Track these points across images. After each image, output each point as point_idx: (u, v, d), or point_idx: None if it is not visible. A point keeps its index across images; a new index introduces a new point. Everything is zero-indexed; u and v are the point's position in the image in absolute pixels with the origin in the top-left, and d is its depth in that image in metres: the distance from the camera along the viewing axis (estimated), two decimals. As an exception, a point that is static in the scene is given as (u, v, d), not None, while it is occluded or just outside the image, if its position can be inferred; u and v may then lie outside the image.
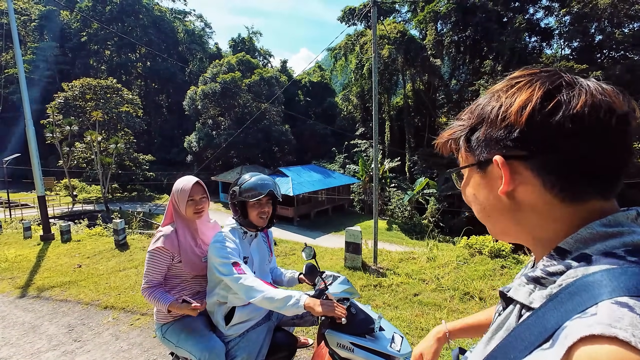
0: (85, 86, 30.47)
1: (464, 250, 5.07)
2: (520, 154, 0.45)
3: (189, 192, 1.82)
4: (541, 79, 0.45)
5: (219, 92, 34.07)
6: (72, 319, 4.04)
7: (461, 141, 0.54)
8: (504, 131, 0.46)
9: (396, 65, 31.46)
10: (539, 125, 0.42)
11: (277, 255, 6.03)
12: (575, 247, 0.43)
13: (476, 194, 0.54)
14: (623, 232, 0.41)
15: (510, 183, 0.46)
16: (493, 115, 0.47)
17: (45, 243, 8.37)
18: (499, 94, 0.48)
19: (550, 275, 0.43)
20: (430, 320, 3.29)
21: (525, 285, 0.47)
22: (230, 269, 1.57)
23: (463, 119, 0.54)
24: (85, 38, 45.71)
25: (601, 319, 0.32)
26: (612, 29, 25.61)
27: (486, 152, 0.49)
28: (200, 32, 59.99)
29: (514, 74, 0.50)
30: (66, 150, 28.64)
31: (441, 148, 0.60)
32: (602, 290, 0.35)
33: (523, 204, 0.47)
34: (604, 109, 0.41)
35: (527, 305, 0.45)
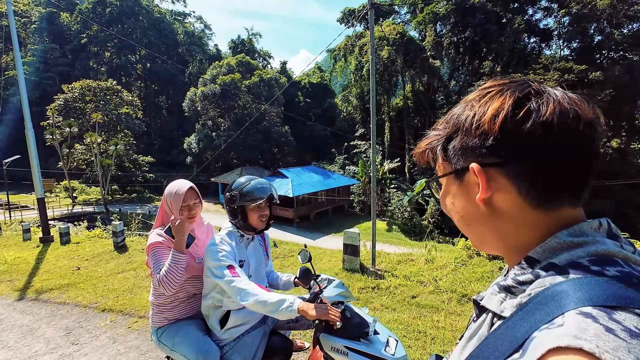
0: (85, 88, 30.53)
1: (462, 251, 5.07)
2: (496, 161, 0.46)
3: (182, 197, 1.80)
4: (511, 88, 0.47)
5: (218, 93, 34.10)
6: (70, 321, 4.04)
7: (438, 150, 0.55)
8: (479, 139, 0.47)
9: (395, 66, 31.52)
10: (511, 132, 0.44)
11: (276, 257, 6.03)
12: (544, 257, 0.44)
13: (454, 202, 0.55)
14: (587, 241, 0.43)
15: (487, 190, 0.47)
16: (468, 123, 0.48)
17: (44, 245, 8.36)
18: (472, 104, 0.49)
19: (520, 284, 0.44)
20: (428, 323, 3.29)
21: (497, 294, 0.47)
22: (225, 272, 1.57)
23: (439, 128, 0.55)
24: (85, 40, 45.77)
25: (567, 330, 0.33)
26: (611, 30, 25.63)
27: (462, 160, 0.50)
28: (200, 33, 60.07)
29: (485, 84, 0.51)
30: (66, 152, 28.65)
31: (419, 158, 0.61)
32: (568, 300, 0.36)
33: (499, 211, 0.48)
34: (572, 116, 0.43)
35: (498, 314, 0.46)
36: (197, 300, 1.94)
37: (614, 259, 0.41)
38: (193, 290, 1.92)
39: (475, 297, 0.53)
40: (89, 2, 45.71)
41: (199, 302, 1.94)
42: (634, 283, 0.37)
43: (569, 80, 23.15)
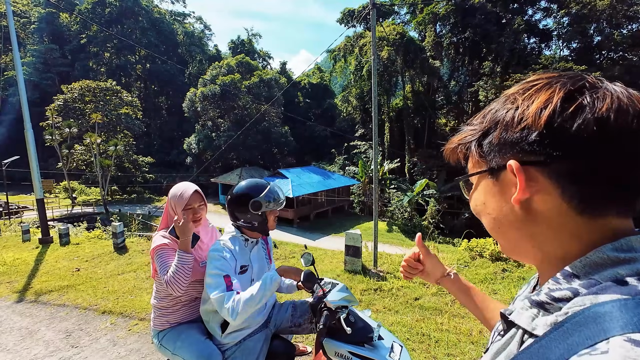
0: (85, 88, 30.51)
1: (464, 253, 5.04)
2: (538, 159, 0.41)
3: (187, 199, 1.79)
4: (562, 80, 0.42)
5: (218, 94, 34.08)
6: (70, 324, 4.00)
7: (472, 146, 0.50)
8: (520, 134, 0.42)
9: (395, 66, 31.52)
10: (559, 128, 0.39)
11: (277, 259, 5.99)
12: (584, 272, 0.40)
13: (487, 203, 0.50)
14: (636, 258, 0.38)
15: (525, 190, 0.43)
16: (508, 117, 0.44)
17: (43, 246, 8.33)
18: (515, 97, 0.45)
19: (555, 300, 0.40)
20: (431, 325, 3.26)
21: (529, 309, 0.43)
22: (219, 282, 1.55)
23: (474, 123, 0.51)
24: (84, 40, 45.75)
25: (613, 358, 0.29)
26: (611, 30, 25.66)
27: (499, 157, 0.46)
28: (200, 34, 60.08)
29: (531, 77, 0.47)
30: (65, 153, 28.61)
31: (449, 155, 0.56)
32: (612, 324, 0.32)
33: (537, 215, 0.44)
34: (632, 113, 0.38)
35: (529, 332, 0.42)
36: (199, 303, 1.92)
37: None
38: (195, 294, 1.90)
39: (503, 310, 0.49)
40: (88, 2, 45.69)
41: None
42: None
43: (568, 80, 23.12)
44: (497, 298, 3.77)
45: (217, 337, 1.75)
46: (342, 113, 43.16)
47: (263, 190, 1.73)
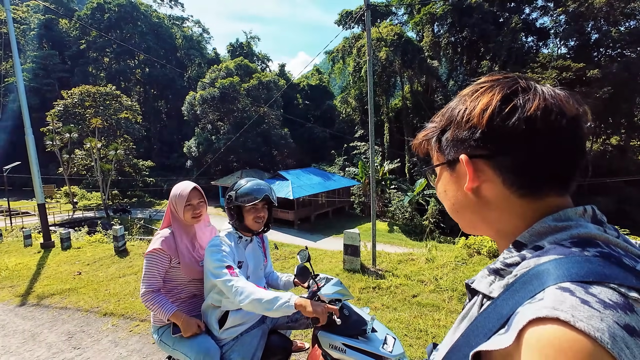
0: (85, 93, 30.66)
1: (462, 250, 5.07)
2: (482, 153, 0.49)
3: (186, 197, 1.85)
4: (501, 84, 0.49)
5: (217, 97, 34.19)
6: (72, 326, 4.05)
7: (433, 142, 0.59)
8: (468, 132, 0.50)
9: (394, 67, 31.62)
10: (497, 126, 0.46)
11: (277, 259, 6.03)
12: (530, 240, 0.47)
13: (446, 190, 0.58)
14: (571, 225, 0.45)
15: (474, 180, 0.50)
16: (459, 117, 0.51)
17: (45, 251, 8.37)
18: (465, 98, 0.52)
19: (507, 266, 0.47)
20: (429, 322, 3.29)
21: (487, 276, 0.50)
22: (224, 271, 1.58)
23: (435, 121, 0.59)
24: (84, 46, 46.00)
25: (546, 303, 0.36)
26: (609, 28, 25.70)
27: (454, 151, 0.53)
28: (199, 37, 60.30)
29: (481, 79, 0.54)
30: (66, 158, 28.72)
31: (417, 148, 0.65)
32: (549, 277, 0.39)
33: (487, 200, 0.51)
34: (555, 112, 0.45)
35: (487, 295, 0.48)
36: (197, 300, 1.97)
37: (595, 241, 0.43)
38: (194, 291, 1.95)
39: (467, 280, 0.56)
40: (87, 8, 45.96)
41: (200, 302, 1.97)
42: (611, 262, 0.39)
43: (567, 78, 23.19)
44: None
45: (214, 332, 1.78)
46: (341, 114, 43.24)
47: (240, 186, 1.78)
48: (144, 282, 1.78)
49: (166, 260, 1.81)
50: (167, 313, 1.73)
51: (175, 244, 1.84)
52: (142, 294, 1.77)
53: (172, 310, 1.75)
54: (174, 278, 1.88)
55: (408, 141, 32.81)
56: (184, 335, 1.75)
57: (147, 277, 1.78)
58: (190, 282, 1.91)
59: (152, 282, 1.78)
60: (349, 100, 39.83)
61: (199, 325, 1.78)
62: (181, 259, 1.84)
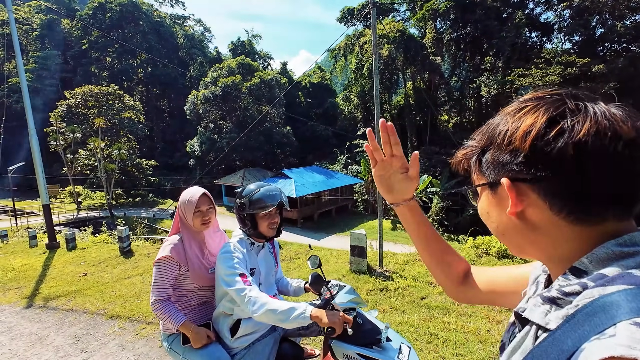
0: (87, 93, 30.71)
1: (470, 251, 5.01)
2: (525, 177, 0.46)
3: (195, 203, 1.82)
4: (547, 103, 0.46)
5: (220, 95, 34.17)
6: (78, 329, 4.03)
7: (472, 162, 0.56)
8: (510, 155, 0.47)
9: (396, 64, 31.44)
10: (542, 151, 0.43)
11: (282, 260, 6.00)
12: (591, 267, 0.43)
13: (490, 212, 0.56)
14: (639, 251, 0.41)
15: (516, 205, 0.47)
16: (500, 139, 0.49)
17: (50, 251, 8.39)
18: (507, 118, 0.49)
19: (566, 295, 0.43)
20: (439, 325, 3.25)
21: (541, 305, 0.46)
22: (237, 279, 1.54)
23: (475, 139, 0.56)
24: (86, 46, 46.07)
25: (620, 341, 0.32)
26: (614, 22, 25.37)
27: (494, 174, 0.51)
28: (200, 36, 60.25)
29: (525, 96, 0.51)
30: (70, 158, 28.84)
31: (456, 166, 0.61)
32: (619, 311, 0.35)
33: (534, 225, 0.48)
34: (610, 136, 0.41)
35: (543, 327, 0.44)
36: (207, 307, 1.94)
37: None
38: (204, 298, 1.93)
39: (516, 308, 0.52)
40: (89, 8, 46.00)
41: (210, 309, 1.95)
42: None
43: (571, 73, 22.94)
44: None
45: (226, 341, 1.74)
46: (344, 112, 43.10)
47: (250, 192, 1.73)
48: (153, 291, 1.75)
49: (175, 267, 1.78)
50: (176, 323, 1.70)
51: (184, 251, 1.81)
52: (152, 302, 1.74)
53: (182, 321, 1.71)
54: (183, 285, 1.85)
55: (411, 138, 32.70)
56: (194, 346, 1.72)
57: (157, 285, 1.75)
58: (200, 289, 1.89)
59: (162, 291, 1.75)
60: (351, 98, 39.67)
61: (208, 335, 1.75)
62: (190, 266, 1.81)
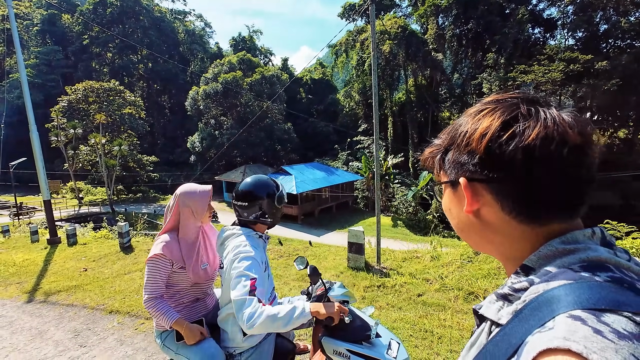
0: (88, 89, 30.74)
1: (468, 248, 5.02)
2: (480, 177, 0.48)
3: (209, 196, 1.88)
4: (503, 107, 0.48)
5: (220, 91, 34.10)
6: (78, 324, 4.08)
7: (437, 159, 0.59)
8: (467, 156, 0.50)
9: (397, 60, 31.27)
10: (495, 153, 0.46)
11: (281, 256, 6.02)
12: (538, 264, 0.46)
13: (451, 209, 0.58)
14: (579, 248, 0.44)
15: (472, 204, 0.50)
16: (460, 139, 0.51)
17: (52, 247, 8.46)
18: (468, 119, 0.52)
19: (516, 291, 0.45)
20: (434, 322, 3.27)
21: (495, 302, 0.49)
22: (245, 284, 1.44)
23: (441, 138, 0.59)
24: (87, 41, 45.97)
25: (557, 333, 0.34)
26: (618, 18, 25.11)
27: (454, 173, 0.53)
28: (201, 32, 60.00)
29: (487, 98, 0.53)
30: (71, 154, 28.92)
31: (424, 163, 0.64)
32: (559, 304, 0.37)
33: (488, 223, 0.51)
34: (556, 141, 0.43)
35: (496, 322, 0.47)
36: (200, 304, 1.94)
37: (606, 265, 0.42)
38: (197, 295, 1.93)
39: (475, 306, 0.55)
40: (89, 3, 45.80)
41: (203, 306, 1.95)
42: (624, 287, 0.38)
43: (574, 70, 22.78)
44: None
45: (232, 342, 1.70)
46: (345, 108, 42.97)
47: (279, 185, 1.80)
48: (146, 289, 1.75)
49: (168, 265, 1.78)
50: (169, 320, 1.71)
51: (179, 249, 1.81)
52: (144, 300, 1.75)
53: (175, 318, 1.72)
54: (176, 283, 1.85)
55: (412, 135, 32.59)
56: (187, 343, 1.73)
57: (149, 283, 1.75)
58: (193, 286, 1.88)
59: (154, 289, 1.75)
60: (352, 94, 39.53)
61: (202, 332, 1.76)
62: (188, 263, 1.81)
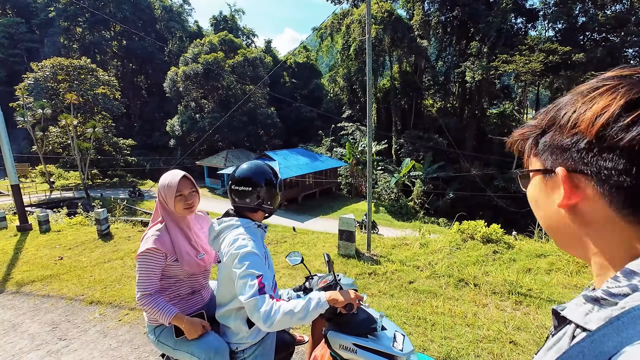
0: (57, 66, 28.67)
1: (456, 235, 5.10)
2: (585, 168, 0.41)
3: (176, 187, 1.68)
4: (629, 84, 0.40)
5: (201, 73, 32.81)
6: (56, 315, 3.86)
7: (529, 143, 0.51)
8: (571, 139, 0.42)
9: (383, 46, 30.96)
10: (610, 138, 0.38)
11: (269, 244, 5.93)
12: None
13: (539, 200, 0.51)
14: None
15: (570, 197, 0.43)
16: (564, 120, 0.43)
17: (22, 234, 7.98)
18: (577, 98, 0.44)
19: (612, 296, 0.40)
20: (427, 309, 3.30)
21: (583, 305, 0.43)
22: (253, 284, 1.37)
23: (537, 118, 0.51)
24: (53, 14, 42.70)
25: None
26: (596, 11, 25.81)
27: (551, 159, 0.46)
28: (179, 8, 56.98)
29: (607, 73, 0.44)
30: (40, 135, 27.24)
31: (511, 147, 0.56)
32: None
33: (586, 220, 0.43)
34: None
35: (582, 327, 0.42)
36: (196, 297, 1.83)
37: None
38: (194, 287, 1.82)
39: (555, 307, 0.49)
40: (55, -29, 42.43)
41: (199, 298, 1.84)
42: None
43: (553, 61, 23.37)
44: (489, 280, 3.85)
45: (242, 335, 1.60)
46: (329, 94, 42.52)
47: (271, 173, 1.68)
48: (139, 286, 1.61)
49: (161, 259, 1.65)
50: (168, 317, 1.59)
51: (170, 240, 1.68)
52: (138, 298, 1.61)
53: (174, 313, 1.60)
54: (172, 275, 1.73)
55: (395, 122, 32.78)
56: (189, 337, 1.62)
57: (143, 279, 1.61)
58: (189, 277, 1.77)
59: (148, 285, 1.62)
60: (337, 79, 39.05)
61: (203, 325, 1.66)
62: (178, 255, 1.68)
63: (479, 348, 2.67)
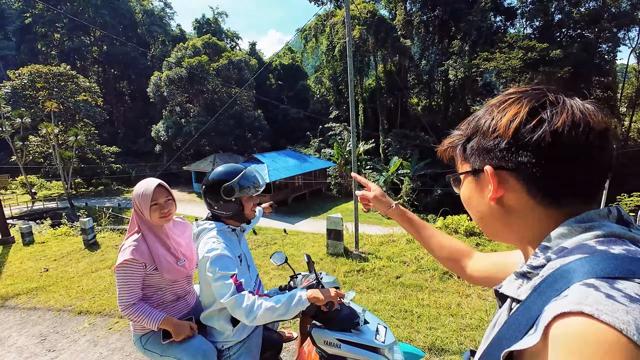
0: (35, 74, 27.85)
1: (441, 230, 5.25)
2: (507, 165, 0.50)
3: (151, 196, 1.67)
4: (529, 96, 0.50)
5: (185, 77, 32.42)
6: (44, 327, 3.82)
7: (458, 149, 0.60)
8: (494, 142, 0.51)
9: (367, 46, 31.28)
10: (523, 138, 0.48)
11: (259, 246, 5.97)
12: (555, 243, 0.48)
13: (471, 198, 0.60)
14: (594, 226, 0.46)
15: (497, 190, 0.52)
16: (485, 127, 0.53)
17: (4, 247, 7.78)
18: (492, 109, 0.53)
19: (534, 268, 0.48)
20: (413, 302, 3.41)
21: (515, 280, 0.51)
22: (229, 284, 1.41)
23: (461, 128, 0.60)
24: (29, 20, 41.49)
25: (570, 299, 0.37)
26: (570, 8, 26.66)
27: (479, 160, 0.54)
28: (160, 12, 56.12)
29: (509, 90, 0.55)
30: (19, 145, 26.42)
31: (442, 155, 0.65)
32: (574, 275, 0.40)
33: (511, 209, 0.53)
34: (582, 127, 0.46)
35: (516, 299, 0.49)
36: (181, 303, 1.85)
37: (620, 239, 0.44)
38: (178, 293, 1.83)
39: (495, 287, 0.56)
40: (29, -23, 41.23)
41: (184, 304, 1.86)
42: (638, 258, 0.40)
43: (532, 58, 24.03)
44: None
45: (226, 334, 1.65)
46: (316, 95, 42.57)
47: (236, 174, 1.62)
48: (120, 298, 1.62)
49: (140, 269, 1.66)
50: (155, 322, 1.62)
51: (148, 250, 1.69)
52: (121, 310, 1.62)
53: (161, 317, 1.63)
54: (153, 284, 1.74)
55: (382, 121, 33.09)
56: (176, 339, 1.65)
57: (123, 291, 1.61)
58: (172, 284, 1.79)
59: (130, 296, 1.62)
60: (322, 80, 39.15)
61: (191, 327, 1.70)
62: (159, 264, 1.69)
63: (462, 336, 2.79)
